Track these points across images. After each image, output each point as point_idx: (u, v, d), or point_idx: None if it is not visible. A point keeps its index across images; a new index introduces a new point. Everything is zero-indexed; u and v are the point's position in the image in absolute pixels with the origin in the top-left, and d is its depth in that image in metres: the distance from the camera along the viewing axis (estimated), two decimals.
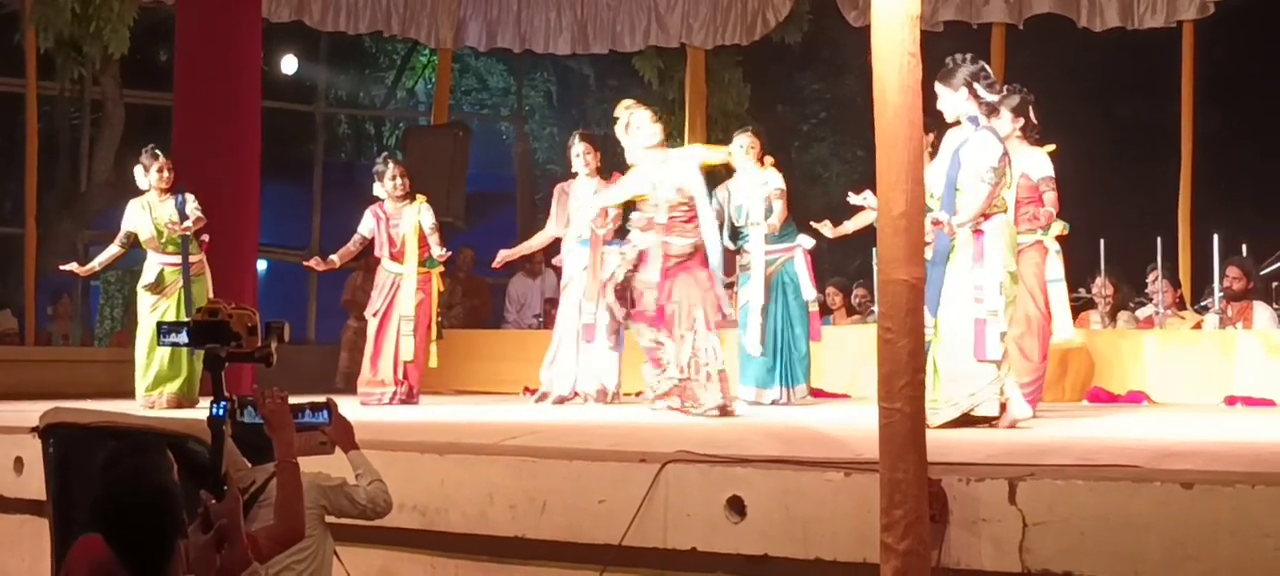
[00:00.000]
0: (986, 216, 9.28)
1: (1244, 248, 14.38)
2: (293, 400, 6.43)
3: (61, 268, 14.09)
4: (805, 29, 19.49)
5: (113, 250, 13.46)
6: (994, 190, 9.24)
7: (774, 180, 12.59)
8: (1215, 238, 13.35)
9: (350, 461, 6.78)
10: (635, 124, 11.40)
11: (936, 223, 9.04)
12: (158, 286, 13.10)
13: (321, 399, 6.58)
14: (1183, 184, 16.38)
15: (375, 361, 13.21)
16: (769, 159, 12.75)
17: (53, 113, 20.66)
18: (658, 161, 11.29)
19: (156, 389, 12.94)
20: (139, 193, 13.23)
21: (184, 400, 12.86)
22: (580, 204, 12.98)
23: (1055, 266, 10.67)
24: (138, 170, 13.22)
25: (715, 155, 12.05)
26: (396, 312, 13.17)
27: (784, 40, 19.42)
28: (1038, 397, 10.54)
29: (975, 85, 9.37)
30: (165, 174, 13.09)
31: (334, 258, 13.49)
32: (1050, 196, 10.57)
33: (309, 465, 6.49)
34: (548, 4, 19.84)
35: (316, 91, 24.43)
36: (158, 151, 13.23)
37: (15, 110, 19.04)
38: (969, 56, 9.52)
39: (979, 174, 9.23)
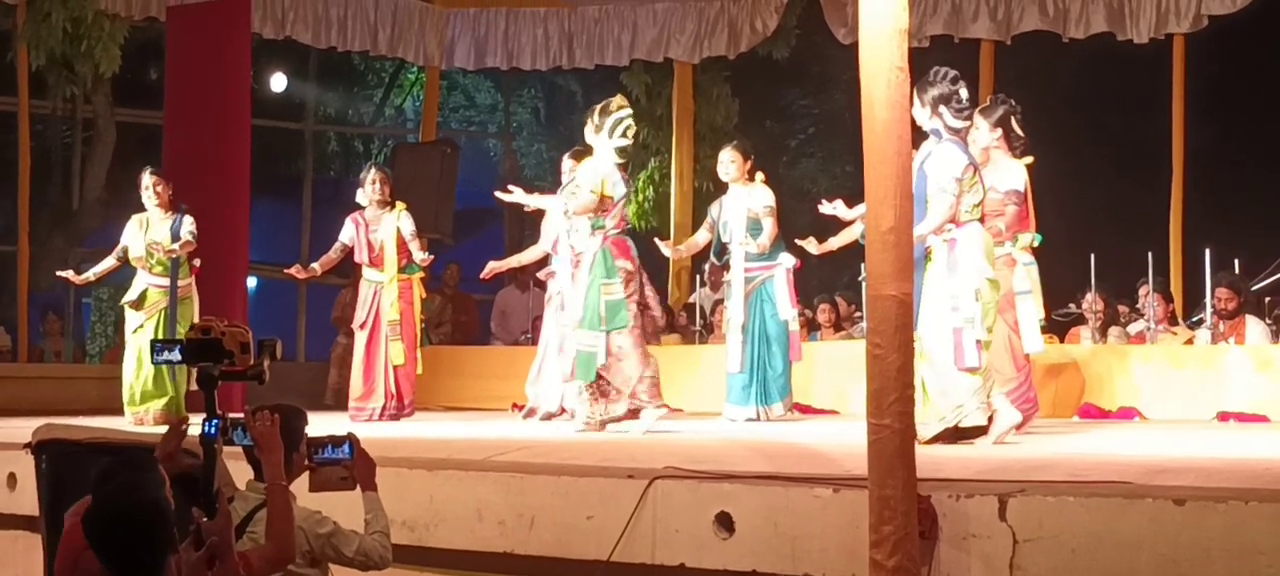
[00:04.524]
0: (959, 224, 9.34)
1: (1236, 263, 14.36)
2: (313, 434, 6.46)
3: (57, 274, 14.21)
4: (793, 44, 19.46)
5: (108, 262, 13.62)
6: (956, 201, 9.30)
7: (763, 197, 12.57)
8: (1207, 252, 13.30)
9: (364, 502, 6.69)
10: None
11: None
12: (139, 303, 13.18)
13: (343, 433, 6.59)
14: (1174, 198, 16.36)
15: (367, 374, 13.21)
16: (760, 175, 12.73)
17: (45, 131, 20.67)
18: None
19: (143, 405, 12.99)
20: (140, 208, 13.32)
21: (172, 417, 12.87)
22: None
23: (1023, 279, 10.65)
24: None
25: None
26: (383, 321, 13.16)
27: (771, 55, 19.40)
28: (1027, 402, 10.44)
29: (943, 109, 9.46)
30: (158, 191, 13.15)
31: (315, 265, 13.49)
32: (1012, 210, 10.53)
33: (311, 504, 6.50)
34: (534, 20, 19.85)
35: (306, 109, 24.44)
36: (153, 171, 13.31)
37: (7, 128, 19.03)
38: (951, 76, 9.55)
39: (941, 184, 9.31)
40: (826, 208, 11.05)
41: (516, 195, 12.78)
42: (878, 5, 6.46)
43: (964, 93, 9.61)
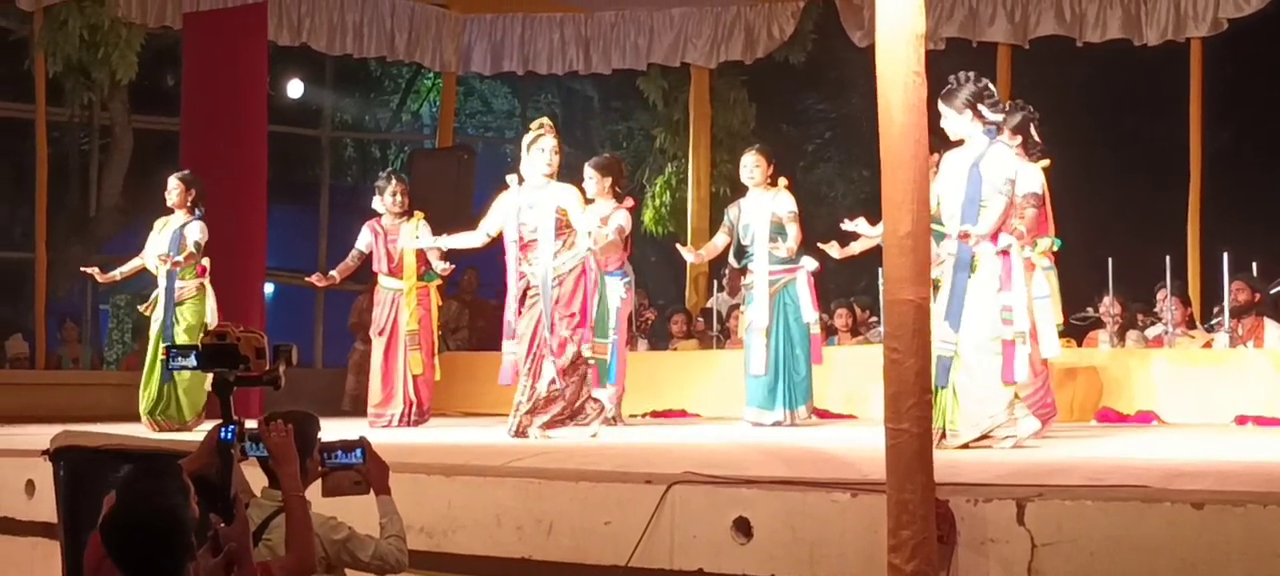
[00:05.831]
0: (1013, 234, 9.35)
1: (1254, 266, 14.34)
2: (325, 439, 6.44)
3: (82, 269, 14.22)
4: (809, 49, 19.46)
5: (134, 263, 13.67)
6: (1009, 203, 9.30)
7: (786, 202, 12.55)
8: (1225, 256, 13.29)
9: (379, 506, 6.63)
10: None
11: (964, 235, 9.12)
12: (150, 305, 13.29)
13: (354, 438, 6.58)
14: (1191, 202, 16.32)
15: (385, 380, 13.23)
16: (783, 180, 12.71)
17: (62, 138, 20.72)
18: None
19: (145, 409, 13.10)
20: (159, 213, 13.42)
21: (159, 421, 12.96)
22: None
23: (1042, 284, 10.64)
24: None
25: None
26: (401, 329, 13.18)
27: (788, 60, 19.41)
28: (1045, 407, 10.40)
29: (979, 106, 9.44)
30: (175, 195, 13.20)
31: (334, 273, 13.58)
32: (1030, 214, 10.51)
33: (325, 508, 6.48)
34: (551, 25, 19.86)
35: (322, 115, 24.48)
36: (178, 175, 13.39)
37: (25, 135, 19.09)
38: (971, 75, 9.55)
39: (996, 186, 9.30)
40: (849, 225, 11.05)
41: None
42: (894, 9, 6.45)
43: (992, 87, 9.63)
